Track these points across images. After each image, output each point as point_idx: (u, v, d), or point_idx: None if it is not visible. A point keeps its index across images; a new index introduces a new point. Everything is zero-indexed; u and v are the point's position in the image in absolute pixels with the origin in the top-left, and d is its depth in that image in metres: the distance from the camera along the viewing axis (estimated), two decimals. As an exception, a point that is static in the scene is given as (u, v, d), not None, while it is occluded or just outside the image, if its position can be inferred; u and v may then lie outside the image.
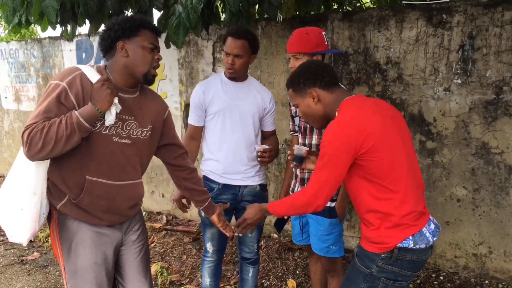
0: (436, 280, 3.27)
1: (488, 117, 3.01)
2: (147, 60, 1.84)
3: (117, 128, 1.84)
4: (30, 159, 1.71)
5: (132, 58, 1.82)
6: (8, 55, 6.30)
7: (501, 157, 3.02)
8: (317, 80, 1.80)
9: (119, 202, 1.93)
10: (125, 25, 1.80)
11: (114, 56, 1.84)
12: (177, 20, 2.73)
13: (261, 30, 3.88)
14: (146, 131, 1.95)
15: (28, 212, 1.78)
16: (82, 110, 1.70)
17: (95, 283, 1.91)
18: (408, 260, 1.71)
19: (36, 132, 1.65)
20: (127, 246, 2.06)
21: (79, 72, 1.77)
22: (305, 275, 3.45)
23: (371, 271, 1.74)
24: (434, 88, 3.16)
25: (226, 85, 2.52)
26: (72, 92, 1.73)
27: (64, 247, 1.90)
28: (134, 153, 1.94)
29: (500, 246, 3.13)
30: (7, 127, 6.68)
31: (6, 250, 4.17)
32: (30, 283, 3.56)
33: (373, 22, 3.31)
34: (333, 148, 1.67)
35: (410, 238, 1.69)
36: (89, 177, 1.83)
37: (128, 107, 1.87)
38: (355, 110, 1.72)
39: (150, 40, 1.84)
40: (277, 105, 3.90)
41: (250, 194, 2.57)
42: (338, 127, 1.70)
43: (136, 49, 1.82)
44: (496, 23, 2.89)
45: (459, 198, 3.22)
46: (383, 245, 1.71)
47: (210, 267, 2.70)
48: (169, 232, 4.43)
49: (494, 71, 2.94)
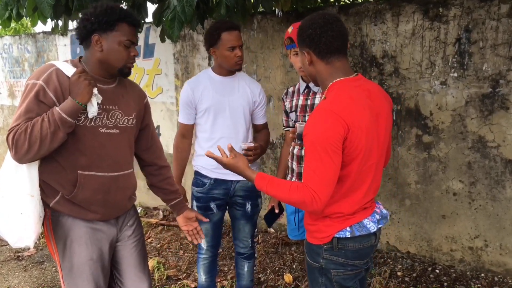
0: (432, 273, 3.28)
1: (485, 111, 3.01)
2: (122, 57, 1.80)
3: (103, 118, 1.83)
4: (18, 161, 1.69)
5: (106, 53, 1.78)
6: (2, 50, 6.25)
7: (498, 150, 3.02)
8: (312, 45, 1.63)
9: (114, 193, 1.91)
10: (102, 18, 1.74)
11: (89, 48, 1.81)
12: (172, 13, 2.70)
13: (257, 24, 3.86)
14: (131, 119, 1.94)
15: (29, 214, 1.75)
16: (63, 105, 1.67)
17: (91, 280, 1.90)
18: (351, 249, 1.68)
19: (20, 133, 1.63)
20: (123, 242, 2.05)
21: (54, 68, 1.75)
22: (301, 269, 3.45)
23: (320, 264, 1.72)
24: (430, 82, 3.15)
25: (214, 81, 2.49)
26: (50, 89, 1.70)
27: (59, 244, 1.89)
28: (124, 143, 1.93)
29: (496, 240, 3.14)
30: (1, 123, 6.64)
31: (2, 246, 4.16)
32: (26, 279, 3.55)
33: (369, 15, 3.29)
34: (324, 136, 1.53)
35: (347, 229, 1.67)
36: (81, 172, 1.81)
37: (110, 96, 1.85)
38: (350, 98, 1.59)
39: (128, 35, 1.79)
40: (273, 100, 3.90)
41: (242, 189, 2.56)
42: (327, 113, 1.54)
43: (111, 45, 1.77)
44: (493, 16, 2.88)
45: (455, 192, 3.22)
46: (323, 234, 1.68)
47: (205, 264, 2.70)
48: (165, 228, 4.43)
49: (490, 64, 2.93)
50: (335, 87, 1.63)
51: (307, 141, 1.56)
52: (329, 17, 1.63)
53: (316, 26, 1.61)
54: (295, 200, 1.58)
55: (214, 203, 2.54)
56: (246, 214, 2.61)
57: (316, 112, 1.57)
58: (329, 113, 1.54)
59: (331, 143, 1.52)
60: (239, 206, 2.60)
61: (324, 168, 1.53)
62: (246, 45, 3.96)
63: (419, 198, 3.37)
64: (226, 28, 2.37)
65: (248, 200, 2.59)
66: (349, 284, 1.74)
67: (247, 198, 2.59)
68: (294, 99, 2.46)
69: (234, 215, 2.65)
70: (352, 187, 1.65)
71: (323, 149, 1.52)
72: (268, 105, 3.95)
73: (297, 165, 2.40)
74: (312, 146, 1.54)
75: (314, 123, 1.55)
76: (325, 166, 1.53)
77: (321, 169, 1.53)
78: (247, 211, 2.60)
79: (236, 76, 2.53)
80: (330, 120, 1.52)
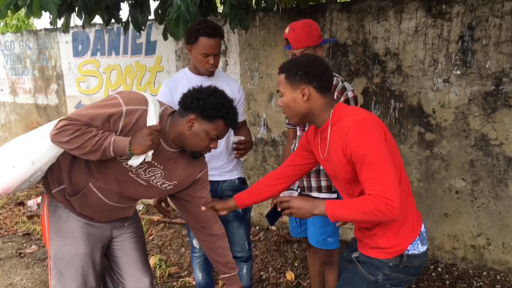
0: (435, 271, 3.28)
1: (488, 109, 2.99)
2: (202, 145, 1.82)
3: (140, 169, 1.84)
4: (50, 139, 1.73)
5: (191, 135, 1.79)
6: (4, 47, 6.25)
7: (500, 148, 3.01)
8: (315, 80, 1.69)
9: (103, 217, 1.98)
10: (209, 107, 1.76)
11: (181, 118, 1.81)
12: (176, 12, 2.69)
13: (259, 21, 3.85)
14: (168, 185, 1.94)
15: (15, 172, 1.80)
16: (118, 140, 1.68)
17: (80, 273, 1.94)
18: (414, 266, 1.72)
19: (70, 128, 1.66)
20: (121, 238, 2.07)
21: (144, 108, 1.76)
22: (303, 267, 3.45)
23: (376, 278, 1.72)
24: (433, 80, 3.14)
25: (192, 81, 2.40)
26: (124, 121, 1.72)
27: (53, 233, 1.93)
28: (143, 192, 1.94)
29: (498, 238, 3.13)
30: (3, 119, 6.64)
31: (4, 243, 4.16)
32: (28, 276, 3.55)
33: (372, 12, 3.28)
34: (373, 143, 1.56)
35: (418, 240, 1.70)
36: (91, 185, 1.86)
37: (164, 156, 1.86)
38: (364, 110, 1.69)
39: (219, 132, 1.81)
40: (275, 97, 3.89)
41: (229, 188, 2.52)
42: (364, 122, 1.59)
43: (200, 131, 1.78)
44: (496, 13, 2.86)
45: (458, 190, 3.21)
46: (394, 249, 1.69)
47: (199, 262, 2.67)
48: (167, 225, 4.43)
49: (493, 62, 2.92)
50: (340, 109, 1.71)
51: (359, 155, 1.56)
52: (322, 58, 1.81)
53: (320, 63, 1.72)
54: (370, 211, 1.54)
55: None
56: (238, 214, 2.54)
57: (352, 127, 1.59)
58: (365, 120, 1.60)
59: (380, 146, 1.56)
60: None
61: (384, 172, 1.54)
62: (248, 42, 3.95)
63: (421, 196, 3.36)
64: (206, 33, 2.28)
65: None
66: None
67: None
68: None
69: (226, 218, 2.50)
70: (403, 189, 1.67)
71: (377, 154, 1.55)
72: (269, 102, 3.94)
73: None
74: (366, 157, 1.55)
75: (357, 135, 1.58)
76: (384, 169, 1.54)
77: (383, 174, 1.54)
78: (238, 211, 2.53)
79: (214, 74, 2.47)
80: (369, 125, 1.59)
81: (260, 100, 3.99)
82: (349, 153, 1.59)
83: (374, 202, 1.52)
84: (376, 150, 1.55)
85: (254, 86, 4.00)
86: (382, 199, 1.51)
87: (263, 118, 4.03)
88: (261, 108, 4.01)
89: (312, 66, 1.69)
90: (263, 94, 3.97)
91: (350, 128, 1.59)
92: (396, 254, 1.69)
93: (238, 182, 2.56)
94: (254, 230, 4.20)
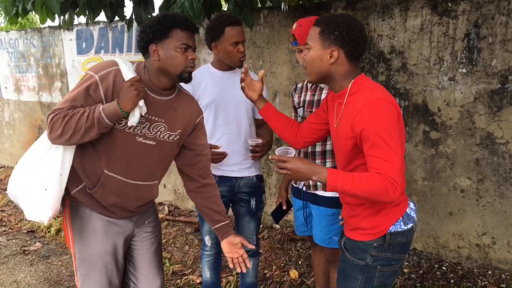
0: (439, 270, 3.27)
1: (493, 107, 2.98)
2: (179, 62, 1.79)
3: (143, 128, 1.83)
4: (51, 142, 1.74)
5: (164, 61, 1.78)
6: (8, 44, 6.26)
7: (506, 147, 2.99)
8: (350, 45, 1.62)
9: (131, 201, 1.93)
10: (155, 27, 1.77)
11: (149, 58, 1.83)
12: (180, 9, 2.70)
13: (263, 19, 3.84)
14: (174, 135, 1.93)
15: (52, 192, 1.78)
16: (107, 106, 1.69)
17: (104, 272, 1.91)
18: (399, 243, 1.71)
19: (58, 118, 1.68)
20: (140, 238, 2.05)
21: (115, 68, 1.76)
22: (307, 265, 3.45)
23: (366, 262, 1.72)
24: (438, 78, 3.12)
25: (215, 76, 2.45)
26: (103, 86, 1.73)
27: (76, 234, 1.91)
28: (156, 155, 1.92)
29: (503, 237, 3.12)
30: (7, 117, 6.66)
31: (9, 240, 4.18)
32: (32, 273, 3.56)
33: (377, 10, 3.26)
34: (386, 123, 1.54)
35: (400, 221, 1.70)
36: (106, 172, 1.83)
37: (160, 108, 1.85)
38: (383, 89, 1.66)
39: (182, 40, 1.78)
40: (279, 95, 3.88)
41: (247, 185, 2.54)
42: (380, 101, 1.57)
43: (168, 52, 1.77)
44: (502, 11, 2.84)
45: (463, 189, 3.20)
46: (378, 229, 1.70)
47: (209, 260, 2.68)
48: (171, 223, 4.43)
49: (499, 60, 2.90)
50: (360, 82, 1.67)
51: (371, 134, 1.53)
52: (363, 25, 1.71)
53: (359, 29, 1.64)
54: (376, 190, 1.51)
55: None
56: (251, 211, 2.59)
57: (367, 104, 1.57)
58: (382, 100, 1.57)
59: (394, 128, 1.55)
60: (244, 202, 2.58)
61: (395, 154, 1.53)
62: (252, 40, 3.94)
63: (426, 195, 3.35)
64: (230, 23, 2.33)
65: (253, 196, 2.57)
66: (388, 282, 1.76)
67: (252, 194, 2.57)
68: (302, 95, 2.44)
69: (239, 212, 2.62)
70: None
71: (389, 136, 1.53)
72: (274, 100, 3.93)
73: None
74: (378, 136, 1.53)
75: (371, 114, 1.55)
76: (395, 152, 1.53)
77: (393, 156, 1.52)
78: (252, 208, 2.59)
79: (236, 71, 2.49)
80: (385, 106, 1.56)
81: (264, 98, 3.98)
82: (360, 129, 1.56)
83: (383, 182, 1.50)
84: (389, 131, 1.53)
85: (258, 84, 3.99)
86: (391, 180, 1.50)
87: (267, 116, 4.02)
88: (265, 106, 4.00)
89: (352, 30, 1.62)
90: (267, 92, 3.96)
91: (365, 105, 1.57)
92: (379, 236, 1.70)
93: (255, 180, 2.59)
94: (258, 228, 4.20)
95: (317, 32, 1.66)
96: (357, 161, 1.68)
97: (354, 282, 1.75)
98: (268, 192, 4.19)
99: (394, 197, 1.52)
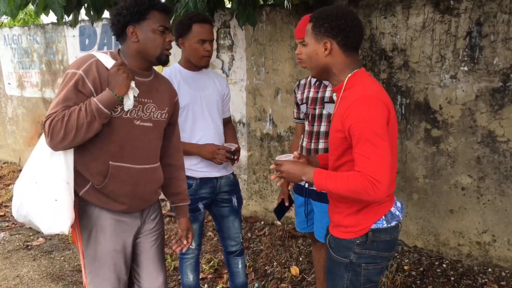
0: (439, 268, 3.28)
1: (495, 105, 2.98)
2: (158, 44, 1.83)
3: (138, 111, 1.85)
4: (53, 148, 1.72)
5: (142, 43, 1.81)
6: (11, 40, 6.28)
7: (507, 145, 3.00)
8: (340, 35, 1.62)
9: (142, 186, 1.93)
10: (133, 9, 1.78)
11: (126, 41, 1.84)
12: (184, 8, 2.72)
13: (266, 16, 3.84)
14: (164, 113, 1.97)
15: (64, 201, 1.75)
16: (100, 96, 1.71)
17: (113, 270, 1.92)
18: (383, 240, 1.71)
19: (57, 121, 1.66)
20: (144, 234, 2.06)
21: (94, 59, 1.78)
22: (308, 262, 3.46)
23: (350, 259, 1.72)
24: (440, 76, 3.13)
25: (186, 76, 2.43)
26: (89, 79, 1.74)
27: (84, 233, 1.90)
28: (155, 136, 1.95)
29: (504, 235, 3.13)
30: (10, 113, 6.69)
31: (12, 235, 4.21)
32: (35, 268, 3.59)
33: (380, 8, 3.27)
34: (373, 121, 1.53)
35: (383, 219, 1.70)
36: (112, 163, 1.83)
37: (146, 90, 1.88)
38: (377, 86, 1.65)
39: (160, 22, 1.82)
40: (281, 93, 3.90)
41: (226, 184, 2.54)
42: (370, 99, 1.56)
43: (146, 33, 1.80)
44: (504, 9, 2.84)
45: (463, 187, 3.21)
46: (360, 227, 1.69)
47: (191, 263, 2.63)
48: (172, 219, 4.45)
49: (501, 58, 2.91)
50: (356, 77, 1.66)
51: (356, 131, 1.55)
52: (355, 13, 1.69)
53: (348, 18, 1.64)
54: (356, 189, 1.53)
55: (202, 203, 2.47)
56: (233, 209, 2.58)
57: (357, 101, 1.57)
58: (371, 98, 1.56)
59: (380, 126, 1.54)
60: (226, 202, 2.56)
61: (378, 151, 1.52)
62: (254, 37, 3.95)
63: (427, 192, 3.36)
64: (199, 20, 2.31)
65: (233, 194, 2.58)
66: (376, 279, 1.76)
67: (232, 192, 2.57)
68: (305, 91, 2.45)
69: (222, 213, 2.58)
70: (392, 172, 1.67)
71: (374, 133, 1.52)
72: (276, 98, 3.94)
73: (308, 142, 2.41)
74: (363, 134, 1.53)
75: (359, 111, 1.55)
76: (379, 149, 1.52)
77: (376, 153, 1.52)
78: (234, 205, 2.58)
79: (204, 70, 2.49)
80: (374, 104, 1.55)
81: (266, 95, 3.99)
82: (348, 126, 1.57)
83: (361, 181, 1.52)
84: (374, 129, 1.52)
85: (260, 81, 4.00)
86: (369, 178, 1.51)
87: (269, 114, 4.04)
88: (267, 103, 4.01)
89: (340, 20, 1.63)
90: (269, 90, 3.98)
91: (354, 102, 1.57)
92: (360, 234, 1.69)
93: (233, 177, 2.61)
94: (260, 225, 4.22)
95: (310, 27, 1.70)
96: (345, 158, 1.68)
97: (341, 280, 1.75)
98: (270, 188, 4.21)
99: (377, 196, 1.52)
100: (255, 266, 3.50)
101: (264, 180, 4.24)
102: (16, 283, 3.38)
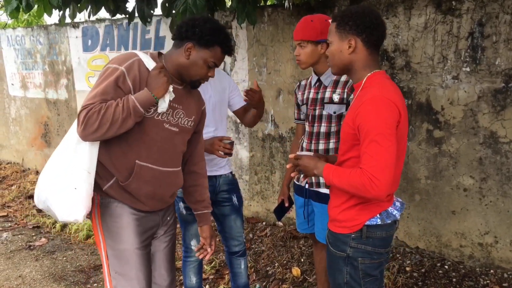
0: (441, 269, 3.27)
1: (497, 106, 2.97)
2: (201, 73, 1.88)
3: (168, 115, 1.88)
4: (83, 138, 1.74)
5: (190, 63, 1.85)
6: (15, 41, 6.30)
7: (509, 146, 2.98)
8: (365, 33, 1.67)
9: (163, 188, 1.95)
10: (205, 33, 1.81)
11: (178, 49, 1.87)
12: (183, 6, 2.71)
13: (267, 17, 3.84)
14: (191, 121, 1.99)
15: (83, 190, 1.76)
16: (139, 95, 1.74)
17: (138, 268, 1.92)
18: (379, 237, 1.74)
19: (94, 112, 1.68)
20: (160, 235, 2.08)
21: (137, 58, 1.81)
22: (309, 263, 3.46)
23: (347, 253, 1.76)
24: (442, 76, 3.12)
25: None
26: (130, 77, 1.77)
27: (106, 232, 1.91)
28: (180, 142, 1.98)
29: (506, 236, 3.12)
30: (14, 114, 6.71)
31: (14, 236, 4.22)
32: (37, 268, 3.60)
33: (381, 8, 3.26)
34: (381, 121, 1.57)
35: (378, 217, 1.73)
36: (138, 162, 1.85)
37: (178, 96, 1.91)
38: (393, 88, 1.68)
39: (216, 58, 1.87)
40: (283, 93, 3.89)
41: (225, 182, 2.55)
42: (382, 100, 1.59)
43: (198, 59, 1.84)
44: (507, 10, 2.83)
45: (466, 188, 3.19)
46: (354, 222, 1.73)
47: (194, 266, 2.63)
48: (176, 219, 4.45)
49: (503, 59, 2.90)
50: (374, 78, 1.70)
51: (364, 129, 1.59)
52: (378, 12, 1.77)
53: (373, 16, 1.69)
54: (355, 184, 1.59)
55: None
56: (234, 207, 2.58)
57: (369, 100, 1.61)
58: (383, 99, 1.60)
59: (388, 127, 1.57)
60: (226, 201, 2.56)
61: (383, 151, 1.55)
62: (256, 37, 3.95)
63: (429, 194, 3.35)
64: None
65: (233, 192, 2.58)
66: (374, 273, 1.79)
67: (232, 191, 2.57)
68: (305, 92, 2.45)
69: (223, 213, 2.58)
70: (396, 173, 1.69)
71: (381, 133, 1.56)
72: (277, 98, 3.94)
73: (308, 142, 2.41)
74: (370, 133, 1.57)
75: (369, 110, 1.59)
76: (384, 148, 1.56)
77: (380, 152, 1.55)
78: (235, 204, 2.58)
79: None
80: (385, 105, 1.59)
81: (268, 96, 3.99)
82: (357, 123, 1.62)
83: (360, 177, 1.57)
84: (381, 129, 1.56)
85: (262, 82, 4.00)
86: (369, 175, 1.55)
87: (270, 114, 4.04)
88: (268, 104, 4.01)
89: (365, 18, 1.68)
90: (271, 90, 3.98)
91: (366, 101, 1.62)
92: (355, 229, 1.73)
93: (231, 176, 2.61)
94: (261, 225, 4.22)
95: (334, 26, 1.73)
96: (350, 153, 1.72)
97: (341, 274, 1.79)
98: (272, 189, 4.21)
99: (375, 193, 1.55)
100: (257, 266, 3.50)
101: (266, 181, 4.24)
102: (18, 283, 3.39)
